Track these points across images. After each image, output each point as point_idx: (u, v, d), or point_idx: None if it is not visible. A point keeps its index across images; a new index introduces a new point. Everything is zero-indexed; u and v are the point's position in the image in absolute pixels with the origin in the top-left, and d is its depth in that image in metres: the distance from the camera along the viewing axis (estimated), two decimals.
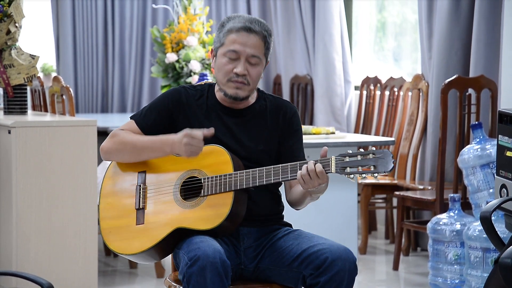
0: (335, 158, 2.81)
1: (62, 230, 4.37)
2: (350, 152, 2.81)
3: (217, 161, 2.93)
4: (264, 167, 2.88)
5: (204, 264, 2.74)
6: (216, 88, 3.08)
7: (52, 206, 4.35)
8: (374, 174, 2.78)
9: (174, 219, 2.92)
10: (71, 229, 4.39)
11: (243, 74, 2.97)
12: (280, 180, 2.87)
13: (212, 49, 3.08)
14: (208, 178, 2.93)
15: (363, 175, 2.78)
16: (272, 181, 2.87)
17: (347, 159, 2.80)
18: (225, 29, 3.00)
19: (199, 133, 2.91)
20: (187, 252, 2.80)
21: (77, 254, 4.41)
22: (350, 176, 2.80)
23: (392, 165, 2.77)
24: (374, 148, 2.80)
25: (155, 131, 3.05)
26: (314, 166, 2.81)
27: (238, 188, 2.88)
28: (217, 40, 3.03)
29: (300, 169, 2.84)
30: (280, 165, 2.88)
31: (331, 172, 2.81)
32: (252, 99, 3.09)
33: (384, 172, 2.77)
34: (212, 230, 2.87)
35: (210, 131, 2.93)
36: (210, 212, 2.89)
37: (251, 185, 2.88)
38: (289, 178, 2.87)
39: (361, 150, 2.83)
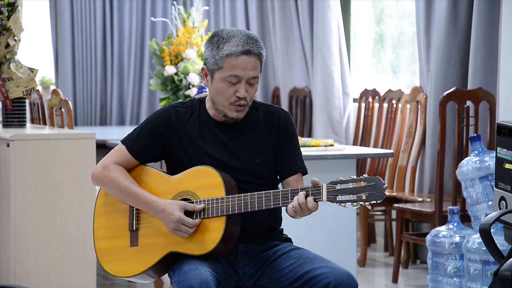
0: (327, 186, 2.80)
1: (60, 242, 4.37)
2: (342, 179, 2.79)
3: (209, 183, 2.92)
4: (256, 193, 2.87)
5: None
6: (208, 104, 3.03)
7: (50, 219, 4.34)
8: (366, 203, 2.77)
9: (167, 242, 2.93)
10: (69, 241, 4.38)
11: (245, 97, 2.95)
12: (272, 206, 2.86)
13: (204, 68, 2.98)
14: (200, 201, 2.92)
15: (355, 204, 2.77)
16: (264, 208, 2.86)
17: (338, 186, 2.79)
18: (222, 53, 2.90)
19: (191, 224, 2.88)
20: (176, 282, 2.82)
21: (75, 266, 4.40)
22: (342, 204, 2.79)
23: (385, 194, 2.76)
24: (366, 175, 2.78)
25: (147, 155, 3.04)
26: (306, 199, 2.80)
27: (230, 213, 2.88)
28: (213, 62, 2.93)
29: (292, 196, 2.83)
30: (272, 191, 2.87)
31: (323, 200, 2.81)
32: None
33: (376, 201, 2.75)
34: (206, 255, 2.88)
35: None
36: (203, 236, 2.89)
37: (242, 211, 2.87)
38: (280, 205, 2.86)
39: (353, 177, 2.81)
